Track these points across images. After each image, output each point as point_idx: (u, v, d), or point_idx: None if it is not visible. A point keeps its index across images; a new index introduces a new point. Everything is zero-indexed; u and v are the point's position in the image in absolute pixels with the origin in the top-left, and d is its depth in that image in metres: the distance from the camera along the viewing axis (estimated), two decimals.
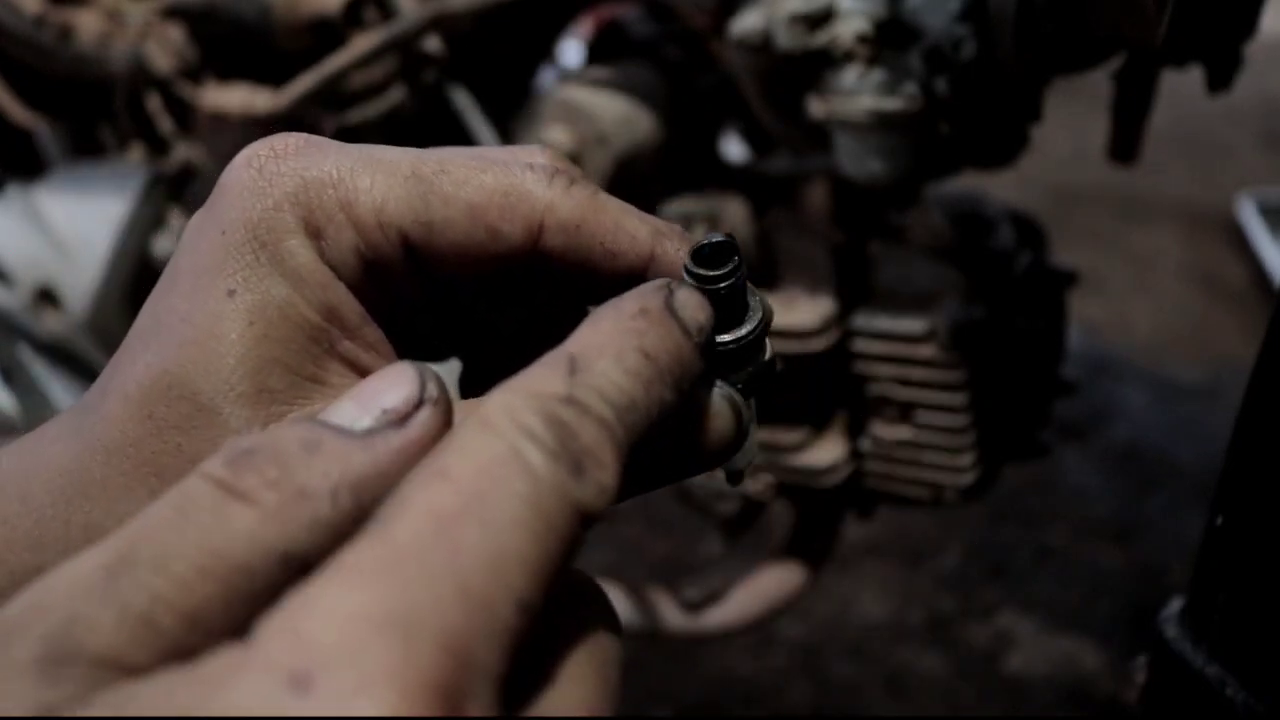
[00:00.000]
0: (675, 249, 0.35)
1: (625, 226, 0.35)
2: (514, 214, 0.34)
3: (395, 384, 0.28)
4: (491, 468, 0.25)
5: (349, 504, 0.26)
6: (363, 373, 0.35)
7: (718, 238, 0.34)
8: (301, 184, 0.34)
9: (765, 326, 0.35)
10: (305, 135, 0.35)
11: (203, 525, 0.25)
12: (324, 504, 0.26)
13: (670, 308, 0.30)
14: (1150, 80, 0.93)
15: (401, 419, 0.28)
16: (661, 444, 0.31)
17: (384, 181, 0.34)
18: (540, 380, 0.27)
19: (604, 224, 0.35)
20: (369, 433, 0.27)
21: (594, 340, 0.28)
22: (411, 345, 0.38)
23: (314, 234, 0.34)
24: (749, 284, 0.35)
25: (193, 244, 0.34)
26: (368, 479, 0.27)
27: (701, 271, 0.34)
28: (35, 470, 0.34)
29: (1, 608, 0.24)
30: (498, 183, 0.34)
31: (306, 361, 0.34)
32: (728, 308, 0.34)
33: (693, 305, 0.31)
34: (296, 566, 0.25)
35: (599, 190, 0.36)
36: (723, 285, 0.34)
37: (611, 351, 0.28)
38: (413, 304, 0.36)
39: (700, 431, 0.34)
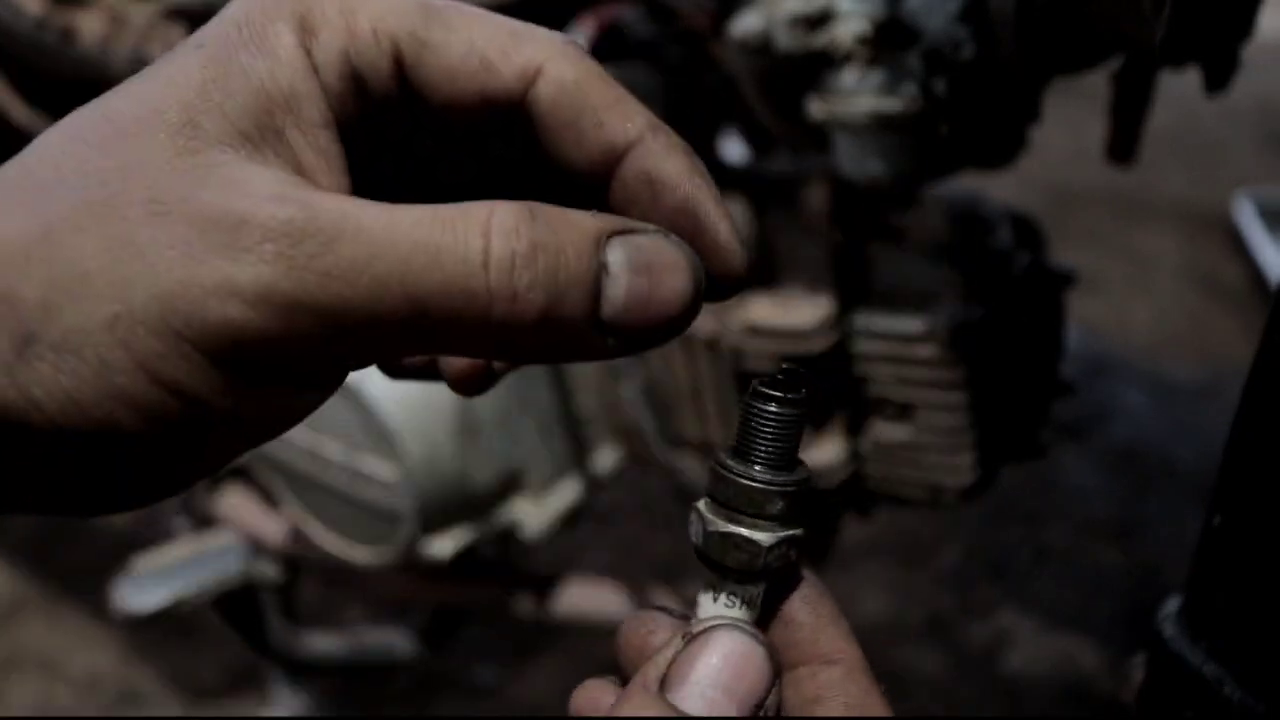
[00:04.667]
0: (666, 144, 0.33)
1: (623, 104, 0.33)
2: (514, 51, 0.33)
3: (759, 673, 0.33)
4: None
5: None
6: (299, 170, 0.31)
7: (795, 370, 0.34)
8: None
9: (765, 491, 0.33)
10: None
11: None
12: None
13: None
14: (1148, 81, 0.94)
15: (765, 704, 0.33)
16: None
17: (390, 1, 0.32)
18: None
19: (603, 94, 0.33)
20: None
21: None
22: (364, 177, 0.35)
23: (307, 29, 0.31)
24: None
25: (200, 32, 0.33)
26: None
27: (754, 385, 0.33)
28: None
29: None
30: (506, 24, 0.33)
31: (248, 121, 0.30)
32: (747, 437, 0.34)
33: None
34: None
35: (607, 74, 0.34)
36: (752, 406, 0.34)
37: None
38: (380, 133, 0.34)
39: None
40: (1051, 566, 1.88)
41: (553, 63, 0.33)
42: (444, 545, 1.16)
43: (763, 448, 0.33)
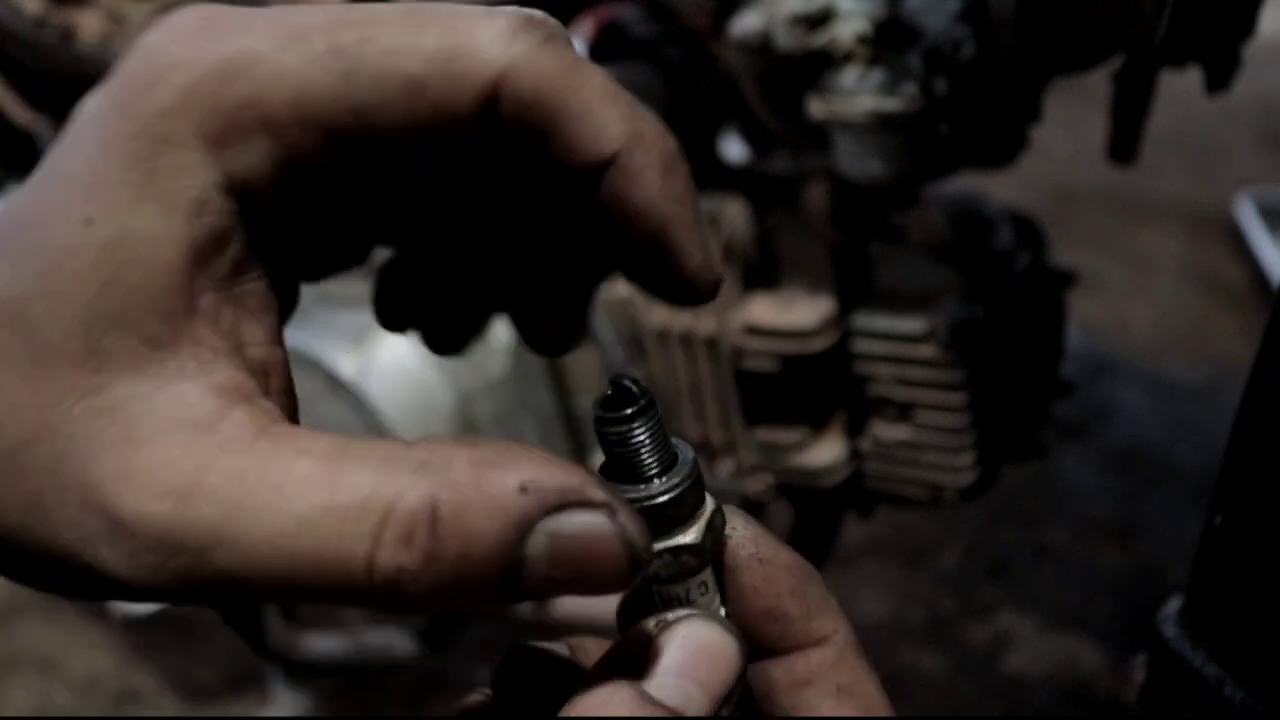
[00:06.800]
0: (642, 164, 0.29)
1: (595, 113, 0.28)
2: (463, 83, 0.27)
3: (729, 662, 0.31)
4: None
5: None
6: (225, 334, 0.29)
7: (625, 380, 0.31)
8: (194, 79, 0.27)
9: (677, 497, 0.31)
10: (211, 7, 0.29)
11: None
12: None
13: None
14: (1149, 81, 0.94)
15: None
16: None
17: (296, 65, 0.27)
18: None
19: (570, 105, 0.28)
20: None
21: None
22: (326, 248, 0.34)
23: (216, 143, 0.27)
24: (677, 442, 0.32)
25: (74, 138, 0.29)
26: None
27: (602, 414, 0.31)
28: None
29: None
30: (441, 44, 0.27)
31: (154, 320, 0.28)
32: (628, 460, 0.31)
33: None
34: None
35: (581, 61, 0.29)
36: (613, 432, 0.31)
37: None
38: (336, 203, 0.31)
39: None
40: (1051, 566, 1.88)
41: (507, 79, 0.28)
42: None
43: (644, 462, 0.31)
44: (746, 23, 0.94)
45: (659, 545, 0.31)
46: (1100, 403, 2.29)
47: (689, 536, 0.32)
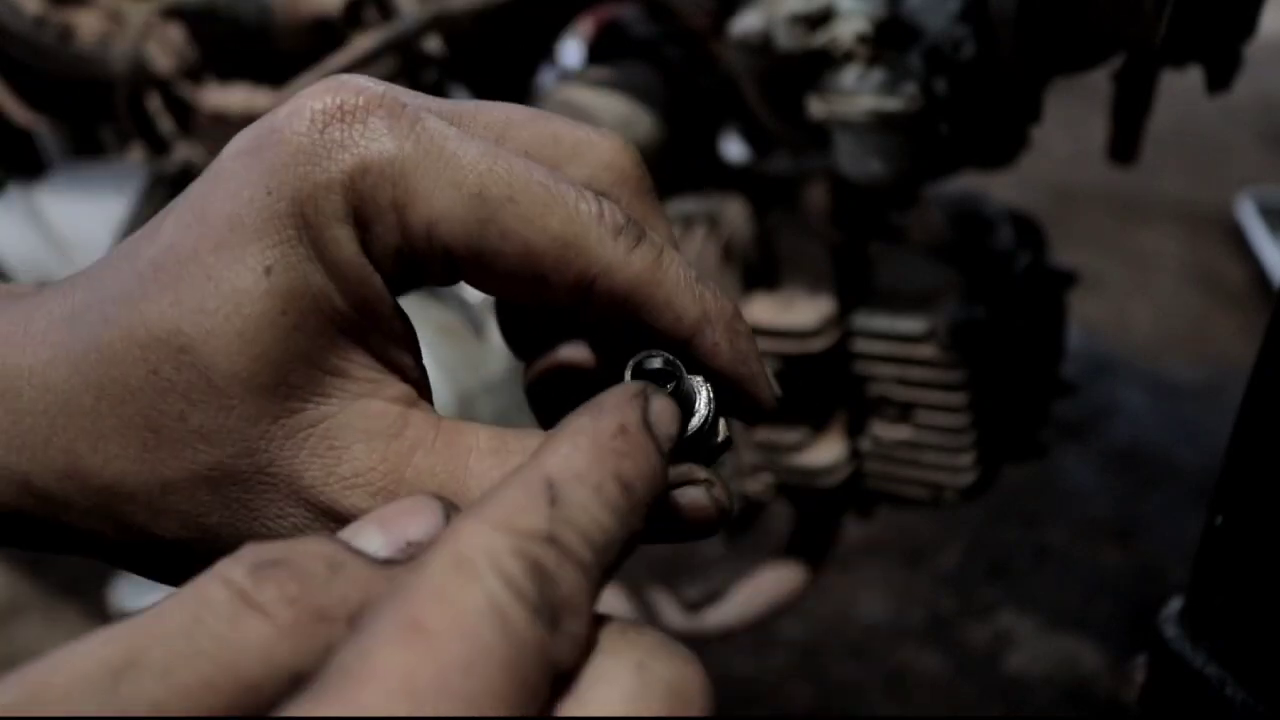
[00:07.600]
0: (713, 340, 0.34)
1: (674, 305, 0.34)
2: (567, 268, 0.33)
3: (420, 516, 0.29)
4: (471, 628, 0.23)
5: None
6: (387, 364, 0.34)
7: (655, 361, 0.34)
8: (360, 167, 0.31)
9: (714, 417, 0.35)
10: (379, 91, 0.32)
11: (216, 634, 0.24)
12: (340, 629, 0.25)
13: (647, 424, 0.29)
14: (1150, 80, 0.94)
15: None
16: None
17: (446, 194, 0.31)
18: (519, 513, 0.25)
19: (654, 298, 0.34)
20: (390, 563, 0.27)
21: (572, 464, 0.27)
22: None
23: (361, 225, 0.32)
24: (693, 380, 0.35)
25: (234, 186, 0.32)
26: None
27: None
28: (23, 365, 0.32)
29: None
30: (562, 230, 0.32)
31: (332, 355, 0.33)
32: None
33: (667, 418, 0.31)
34: (304, 687, 0.24)
35: (664, 251, 0.34)
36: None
37: (592, 480, 0.27)
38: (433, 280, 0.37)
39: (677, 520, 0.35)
40: (1051, 566, 1.88)
41: (604, 276, 0.33)
42: None
43: (684, 408, 0.35)
44: (746, 23, 0.93)
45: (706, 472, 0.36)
46: (1100, 403, 2.29)
47: (720, 434, 0.36)
